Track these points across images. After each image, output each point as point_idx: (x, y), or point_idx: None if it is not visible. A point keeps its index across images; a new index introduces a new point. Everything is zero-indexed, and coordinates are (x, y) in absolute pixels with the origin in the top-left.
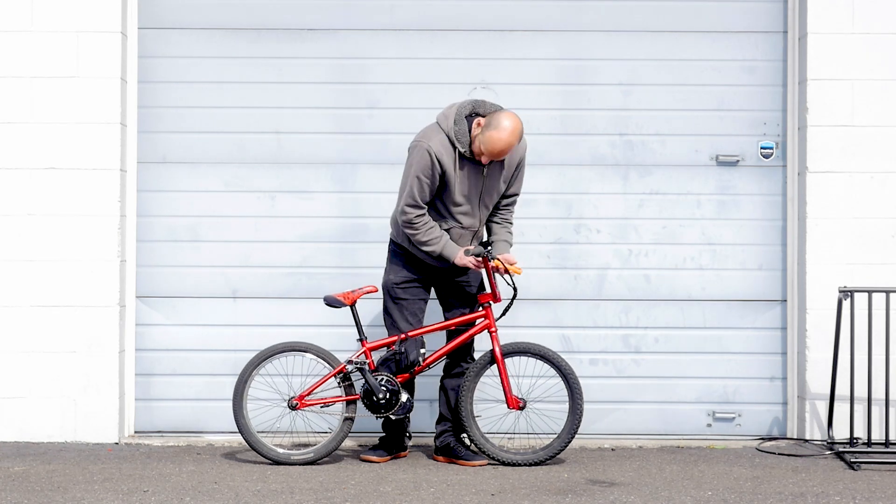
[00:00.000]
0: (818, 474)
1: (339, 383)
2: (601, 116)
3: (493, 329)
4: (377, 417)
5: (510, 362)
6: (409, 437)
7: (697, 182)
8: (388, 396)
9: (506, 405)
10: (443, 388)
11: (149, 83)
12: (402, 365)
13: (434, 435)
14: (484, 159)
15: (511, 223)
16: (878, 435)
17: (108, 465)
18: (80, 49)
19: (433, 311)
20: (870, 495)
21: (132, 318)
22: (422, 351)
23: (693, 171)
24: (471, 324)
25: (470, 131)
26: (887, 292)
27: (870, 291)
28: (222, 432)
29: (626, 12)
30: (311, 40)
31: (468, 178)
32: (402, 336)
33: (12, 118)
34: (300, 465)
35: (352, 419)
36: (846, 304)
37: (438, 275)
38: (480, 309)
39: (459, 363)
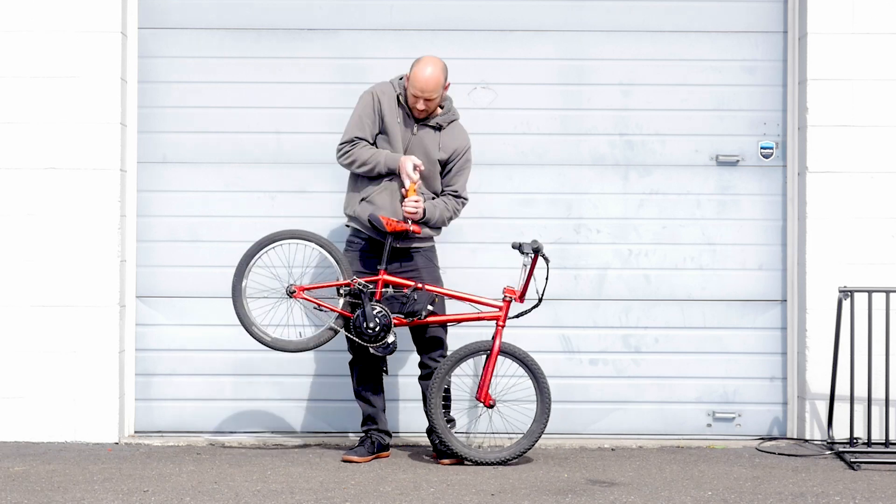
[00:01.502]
0: (818, 474)
1: (342, 294)
2: (601, 116)
3: (501, 323)
4: (356, 345)
5: (476, 362)
6: (390, 436)
7: (697, 182)
8: (377, 330)
9: (476, 399)
10: (422, 389)
11: (149, 83)
12: (404, 309)
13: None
14: (419, 105)
15: (449, 203)
16: (878, 435)
17: (108, 465)
18: (80, 49)
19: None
20: (870, 495)
21: (132, 318)
22: (429, 307)
23: (693, 171)
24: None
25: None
26: (887, 292)
27: (870, 291)
28: (222, 432)
29: (626, 12)
30: (311, 40)
31: (402, 128)
32: (420, 286)
33: (12, 118)
34: (275, 349)
35: (335, 332)
36: (846, 304)
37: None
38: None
39: (431, 360)
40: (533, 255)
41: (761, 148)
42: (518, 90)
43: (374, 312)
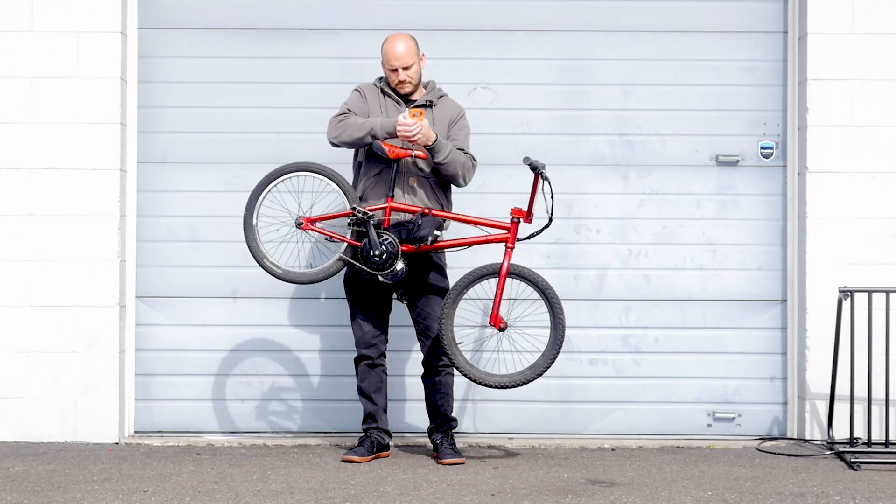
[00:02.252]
0: (818, 474)
1: (349, 223)
2: (601, 116)
3: (510, 245)
4: (365, 274)
5: (487, 285)
6: (390, 436)
7: (697, 182)
8: (384, 258)
9: (489, 323)
10: (425, 387)
11: (149, 83)
12: (411, 236)
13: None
14: (400, 77)
15: (464, 154)
16: (878, 435)
17: (108, 465)
18: (80, 49)
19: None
20: (870, 495)
21: (132, 318)
22: (436, 233)
23: (693, 171)
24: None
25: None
26: (887, 292)
27: (870, 291)
28: (222, 432)
29: (626, 12)
30: (311, 40)
31: (391, 114)
32: (426, 210)
33: (12, 118)
34: (285, 280)
35: (344, 262)
36: (846, 304)
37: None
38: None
39: (434, 359)
40: (536, 174)
41: (761, 148)
42: (518, 90)
43: (380, 240)
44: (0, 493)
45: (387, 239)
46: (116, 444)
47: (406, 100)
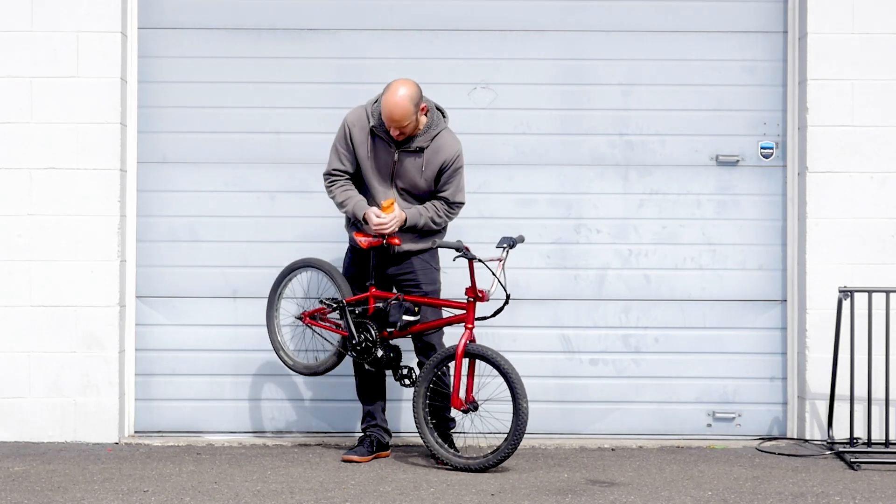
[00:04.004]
0: (818, 474)
1: (339, 315)
2: (601, 116)
3: (469, 325)
4: (355, 360)
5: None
6: (390, 435)
7: (697, 182)
8: (363, 346)
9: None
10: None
11: (149, 83)
12: (385, 321)
13: None
14: (394, 132)
15: (436, 208)
16: (878, 435)
17: (108, 465)
18: (80, 49)
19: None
20: (870, 495)
21: (132, 318)
22: (406, 318)
23: (693, 171)
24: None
25: None
26: (887, 292)
27: (870, 291)
28: (222, 432)
29: (626, 12)
30: (311, 40)
31: (381, 157)
32: (399, 296)
33: (12, 118)
34: (296, 371)
35: (341, 355)
36: (846, 304)
37: (377, 270)
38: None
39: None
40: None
41: (761, 148)
42: (518, 90)
43: (357, 329)
44: (0, 493)
45: (364, 326)
46: (116, 444)
47: (398, 142)
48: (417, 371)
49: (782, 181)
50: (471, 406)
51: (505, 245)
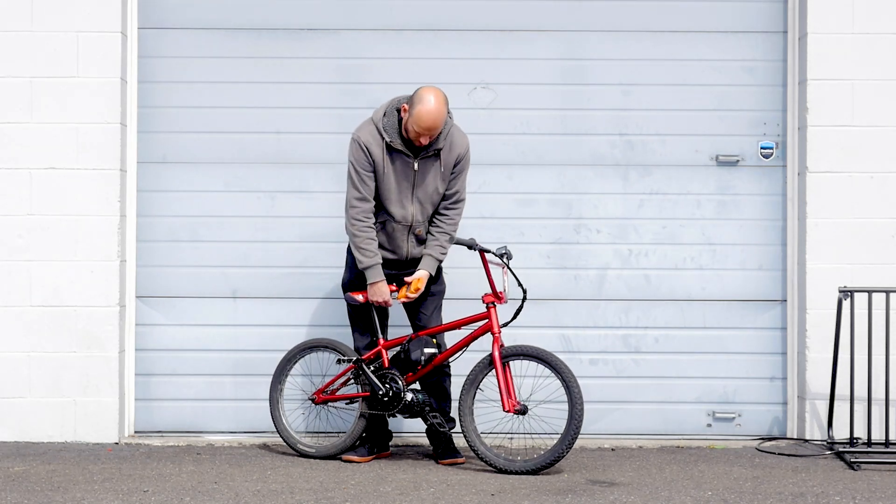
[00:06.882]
0: (818, 474)
1: (354, 380)
2: (601, 116)
3: (495, 332)
4: (388, 416)
5: (513, 365)
6: (390, 436)
7: (697, 182)
8: (390, 395)
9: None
10: (422, 388)
11: (149, 83)
12: (407, 364)
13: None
14: (423, 140)
15: (449, 230)
16: (878, 435)
17: (108, 465)
18: (79, 49)
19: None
20: (870, 495)
21: (132, 318)
22: (428, 351)
23: (693, 171)
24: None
25: (400, 123)
26: (887, 292)
27: (870, 291)
28: (222, 432)
29: (626, 12)
30: (311, 40)
31: (399, 170)
32: (413, 335)
33: (12, 118)
34: (320, 458)
35: (366, 416)
36: (846, 304)
37: (388, 276)
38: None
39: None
40: (480, 254)
41: (761, 148)
42: (518, 90)
43: (381, 380)
44: (0, 493)
45: (387, 376)
46: (116, 444)
47: (415, 151)
48: (433, 404)
49: (782, 181)
50: (521, 408)
51: (504, 251)
